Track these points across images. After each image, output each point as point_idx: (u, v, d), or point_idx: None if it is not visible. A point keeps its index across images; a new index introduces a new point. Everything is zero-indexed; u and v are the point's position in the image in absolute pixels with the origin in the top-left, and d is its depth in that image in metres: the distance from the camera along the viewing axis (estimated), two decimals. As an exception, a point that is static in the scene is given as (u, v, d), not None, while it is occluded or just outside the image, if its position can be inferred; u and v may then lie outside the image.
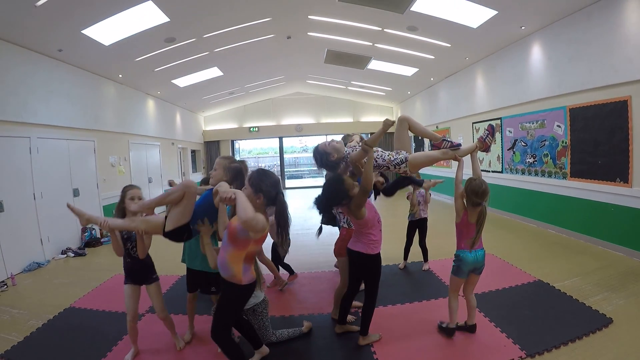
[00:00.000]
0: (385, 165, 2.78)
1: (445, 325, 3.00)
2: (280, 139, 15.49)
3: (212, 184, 2.57)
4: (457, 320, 2.97)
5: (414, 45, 7.42)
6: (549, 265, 4.44)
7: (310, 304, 3.74)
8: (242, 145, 16.83)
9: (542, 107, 6.14)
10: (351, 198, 2.63)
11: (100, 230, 6.94)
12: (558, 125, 5.79)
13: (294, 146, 22.32)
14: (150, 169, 9.66)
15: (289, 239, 2.40)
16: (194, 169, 13.87)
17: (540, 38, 5.98)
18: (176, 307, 3.44)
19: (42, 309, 3.78)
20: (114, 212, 2.72)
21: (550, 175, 6.09)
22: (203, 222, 2.41)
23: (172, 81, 8.98)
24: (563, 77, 5.55)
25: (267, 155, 23.44)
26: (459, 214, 2.83)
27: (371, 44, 7.80)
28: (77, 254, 5.95)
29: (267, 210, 2.27)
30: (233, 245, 2.17)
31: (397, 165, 2.74)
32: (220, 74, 9.33)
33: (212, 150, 14.79)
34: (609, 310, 3.16)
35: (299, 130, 14.91)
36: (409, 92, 12.35)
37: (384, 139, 13.52)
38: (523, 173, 6.87)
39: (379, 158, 2.79)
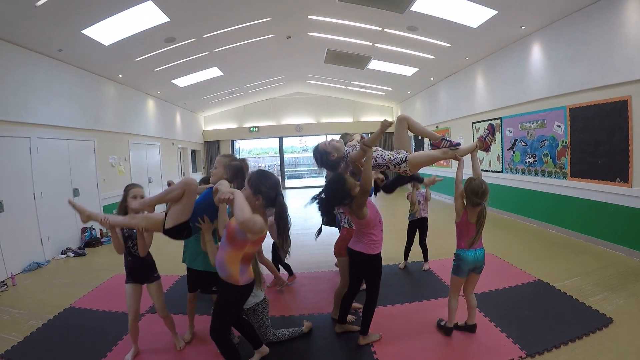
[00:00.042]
0: (385, 164, 2.78)
1: (443, 324, 3.01)
2: (280, 139, 15.49)
3: (213, 182, 2.57)
4: (457, 320, 2.98)
5: (414, 45, 7.43)
6: (549, 265, 4.44)
7: (310, 303, 3.75)
8: (242, 145, 16.82)
9: (542, 107, 6.14)
10: (353, 198, 2.63)
11: (100, 230, 6.94)
12: (558, 125, 5.79)
13: (294, 146, 22.32)
14: (150, 169, 9.66)
15: (289, 241, 2.39)
16: (194, 169, 13.86)
17: (540, 38, 5.98)
18: (176, 307, 3.44)
19: (42, 309, 3.78)
20: (114, 211, 2.72)
21: (550, 175, 6.09)
22: (203, 220, 2.41)
23: (172, 81, 8.97)
24: (563, 77, 5.55)
25: (267, 155, 23.44)
26: (458, 214, 2.83)
27: (371, 43, 7.80)
28: (77, 254, 5.95)
29: (267, 211, 2.26)
30: (231, 245, 2.17)
31: (397, 164, 2.73)
32: (220, 74, 9.33)
33: (212, 150, 14.78)
34: (609, 310, 3.16)
35: (299, 130, 14.91)
36: (409, 92, 12.35)
37: (384, 138, 13.54)
38: (523, 173, 6.87)
39: (378, 157, 2.79)
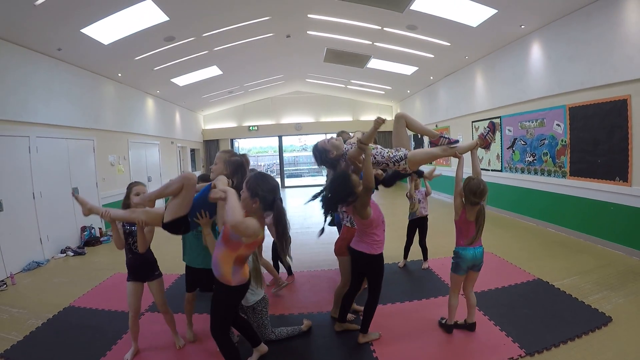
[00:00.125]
0: (384, 162, 2.77)
1: (444, 322, 3.03)
2: (280, 137, 15.48)
3: (212, 178, 2.56)
4: (457, 318, 2.99)
5: (413, 44, 7.42)
6: (548, 263, 4.44)
7: (310, 302, 3.75)
8: (241, 144, 16.82)
9: (542, 106, 6.14)
10: (357, 196, 2.63)
11: (100, 229, 6.94)
12: (557, 124, 5.79)
13: (293, 145, 22.33)
14: (149, 168, 9.66)
15: (289, 247, 2.38)
16: (194, 168, 13.86)
17: (540, 37, 5.97)
18: (176, 306, 3.42)
19: (41, 308, 3.78)
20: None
21: (549, 174, 6.09)
22: (202, 216, 2.40)
23: (171, 80, 8.96)
24: (562, 76, 5.55)
25: (267, 154, 23.46)
26: (457, 212, 2.84)
27: (371, 42, 7.79)
28: (76, 253, 5.95)
29: (266, 214, 2.24)
30: (225, 245, 2.16)
31: (397, 162, 2.72)
32: (220, 72, 9.32)
33: (211, 149, 14.76)
34: (608, 309, 3.16)
35: (298, 129, 14.91)
36: (408, 91, 12.34)
37: (383, 138, 13.50)
38: (522, 172, 6.87)
39: (377, 155, 2.77)
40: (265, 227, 2.47)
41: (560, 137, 5.76)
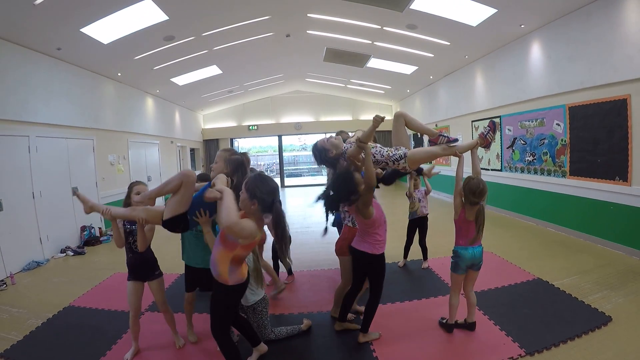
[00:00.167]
0: (383, 161, 2.76)
1: (445, 321, 3.03)
2: (280, 137, 15.48)
3: (213, 177, 2.56)
4: (457, 318, 2.99)
5: (413, 43, 7.42)
6: (548, 263, 4.44)
7: (310, 302, 3.75)
8: (241, 144, 16.82)
9: (542, 105, 6.14)
10: (359, 194, 2.62)
11: (100, 229, 6.94)
12: (557, 124, 5.79)
13: (293, 144, 22.34)
14: (149, 168, 9.65)
15: (288, 249, 2.37)
16: (193, 168, 13.86)
17: (540, 36, 5.97)
18: (176, 305, 3.41)
19: (41, 307, 3.78)
20: None
21: (549, 174, 6.10)
22: (201, 215, 2.40)
23: (171, 79, 8.95)
24: (562, 76, 5.55)
25: (266, 154, 23.48)
26: (457, 211, 2.84)
27: (370, 42, 7.78)
28: (76, 253, 5.94)
29: (265, 216, 2.21)
30: (222, 245, 2.16)
31: (396, 161, 2.72)
32: (220, 72, 9.31)
33: (211, 148, 14.76)
34: (608, 309, 3.16)
35: (298, 129, 14.91)
36: (408, 91, 12.34)
37: (383, 137, 13.50)
38: (522, 171, 6.87)
39: (377, 154, 2.77)
40: (266, 227, 2.46)
41: (560, 136, 5.76)
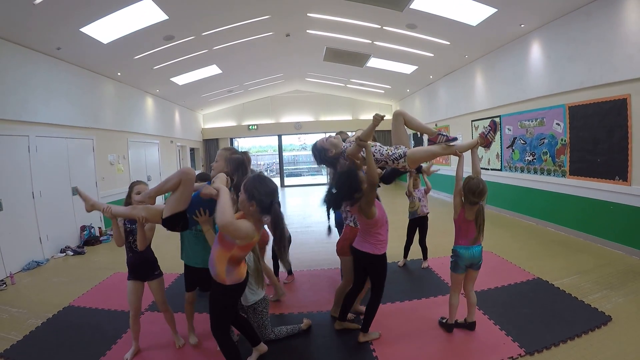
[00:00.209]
0: (383, 159, 2.76)
1: (445, 321, 3.03)
2: (279, 136, 15.47)
3: (213, 176, 2.56)
4: (457, 317, 2.99)
5: (413, 43, 7.41)
6: (547, 263, 4.45)
7: (310, 301, 3.75)
8: (241, 143, 16.81)
9: (542, 105, 6.14)
10: (362, 192, 2.62)
11: (100, 228, 6.94)
12: (557, 124, 5.79)
13: (292, 144, 22.34)
14: (149, 167, 9.65)
15: (287, 252, 2.35)
16: (193, 167, 13.84)
17: (540, 36, 5.97)
18: (176, 305, 3.42)
19: (41, 307, 3.78)
20: None
21: (549, 173, 6.10)
22: (201, 214, 2.39)
23: (170, 79, 8.95)
24: (562, 75, 5.55)
25: (266, 153, 23.48)
26: (456, 211, 2.85)
27: (370, 41, 7.78)
28: (76, 253, 5.94)
29: (264, 217, 2.20)
30: (220, 244, 2.17)
31: (396, 159, 2.71)
32: (219, 71, 9.30)
33: (211, 148, 14.76)
34: (608, 308, 3.17)
35: (298, 128, 14.90)
36: (408, 90, 12.34)
37: (383, 137, 13.48)
38: (522, 171, 6.87)
39: (376, 153, 2.76)
40: (266, 227, 2.46)
41: (560, 136, 5.76)
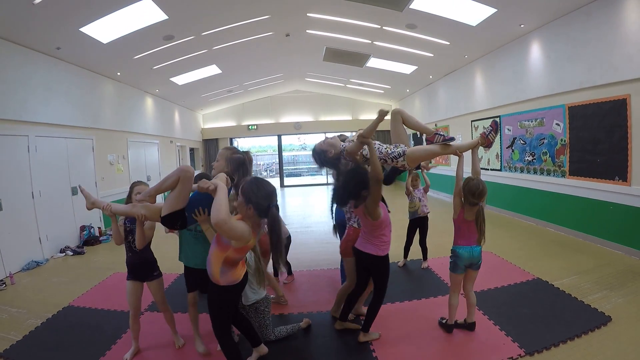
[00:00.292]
0: (382, 158, 2.75)
1: (445, 322, 3.03)
2: (279, 137, 15.47)
3: (214, 175, 2.56)
4: (457, 318, 2.99)
5: (412, 43, 7.41)
6: (547, 263, 4.45)
7: (310, 302, 3.75)
8: (240, 143, 16.81)
9: (541, 105, 6.14)
10: (369, 190, 2.61)
11: (99, 228, 6.94)
12: (557, 124, 5.80)
13: (292, 144, 22.33)
14: (148, 167, 9.65)
15: (284, 256, 2.35)
16: (193, 167, 13.84)
17: (540, 36, 5.97)
18: (176, 305, 3.41)
19: (41, 307, 3.78)
20: None
21: (549, 174, 6.10)
22: (200, 213, 2.39)
23: (170, 79, 8.94)
24: (562, 76, 5.55)
25: (266, 153, 23.47)
26: (456, 211, 2.85)
27: (370, 41, 7.78)
28: (75, 253, 5.94)
29: (262, 221, 2.19)
30: (217, 244, 2.17)
31: (395, 158, 2.71)
32: (219, 71, 9.30)
33: (210, 148, 14.76)
34: (608, 309, 3.17)
35: (297, 128, 14.90)
36: (407, 90, 12.34)
37: (383, 137, 13.51)
38: (522, 171, 6.88)
39: (376, 151, 2.76)
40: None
41: (559, 136, 5.76)
